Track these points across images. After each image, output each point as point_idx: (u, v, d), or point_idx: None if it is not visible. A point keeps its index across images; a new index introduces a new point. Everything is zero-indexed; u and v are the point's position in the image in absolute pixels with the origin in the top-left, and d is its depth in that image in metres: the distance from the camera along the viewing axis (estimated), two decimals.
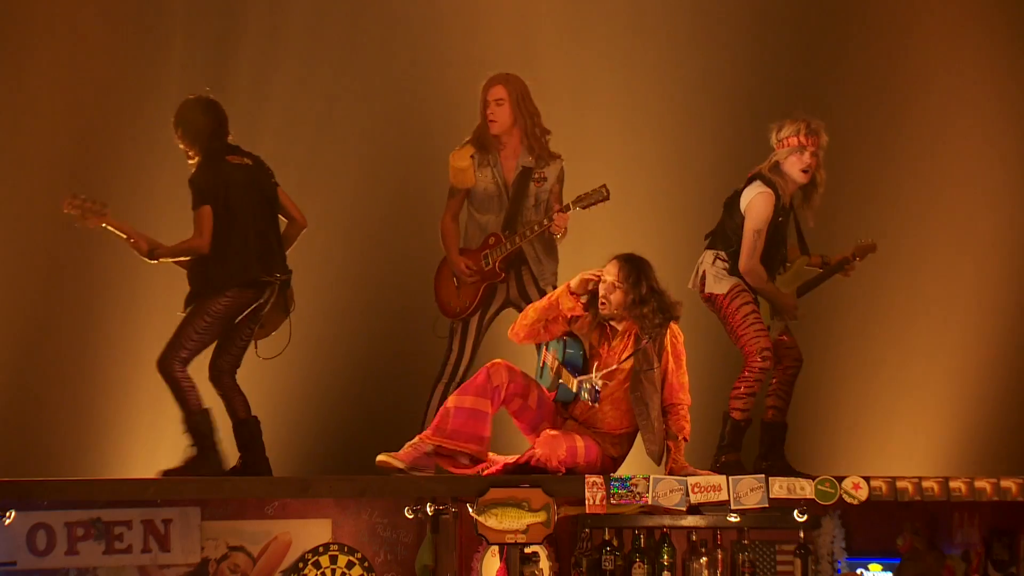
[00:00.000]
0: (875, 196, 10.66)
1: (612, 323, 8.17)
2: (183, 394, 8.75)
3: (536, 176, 9.10)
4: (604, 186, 8.96)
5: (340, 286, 10.51)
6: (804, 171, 8.58)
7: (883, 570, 8.94)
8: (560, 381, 8.13)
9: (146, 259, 8.80)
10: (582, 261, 8.66)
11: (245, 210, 8.80)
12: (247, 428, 8.86)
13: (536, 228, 8.98)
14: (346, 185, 10.57)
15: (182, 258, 8.83)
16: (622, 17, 10.86)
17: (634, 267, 8.09)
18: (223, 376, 8.85)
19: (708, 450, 8.64)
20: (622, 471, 8.24)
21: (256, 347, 8.94)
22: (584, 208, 8.97)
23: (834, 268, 8.96)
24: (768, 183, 8.55)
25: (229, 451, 8.89)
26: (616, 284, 8.08)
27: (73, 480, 8.74)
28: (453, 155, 9.14)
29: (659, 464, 8.29)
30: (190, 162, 8.89)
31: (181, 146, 8.87)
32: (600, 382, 7.96)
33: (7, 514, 7.88)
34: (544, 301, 8.18)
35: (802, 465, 8.75)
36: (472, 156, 9.07)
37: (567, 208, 8.98)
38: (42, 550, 8.94)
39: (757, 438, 8.73)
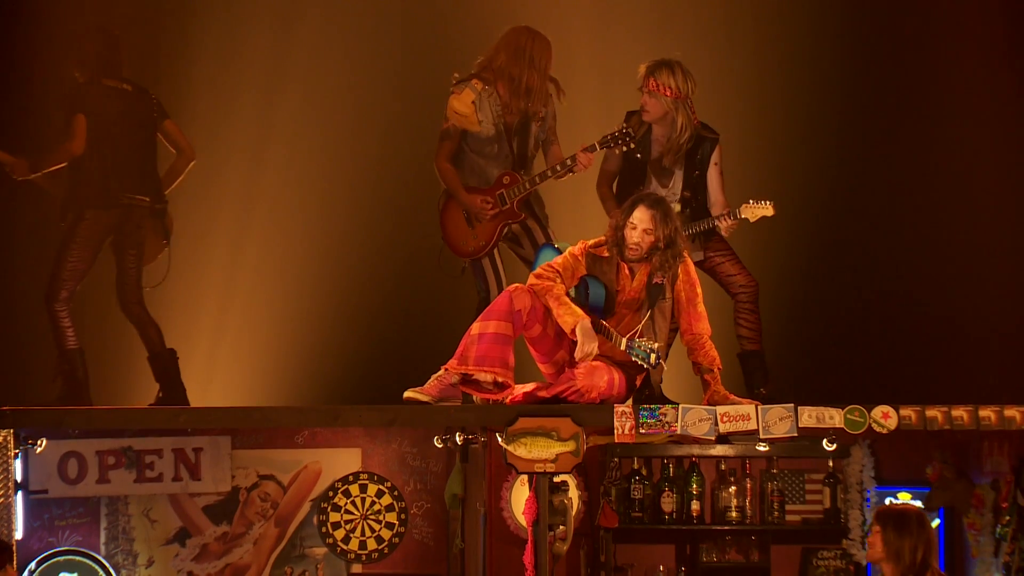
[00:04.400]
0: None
1: (631, 263, 8.10)
2: (59, 332, 8.78)
3: (536, 116, 8.97)
4: (629, 126, 8.79)
5: (371, 220, 10.43)
6: (642, 110, 8.57)
7: (912, 499, 8.95)
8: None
9: (28, 176, 8.89)
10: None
11: (113, 132, 8.84)
12: (161, 360, 8.87)
13: (560, 168, 8.83)
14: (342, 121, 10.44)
15: (57, 166, 8.87)
16: None
17: (664, 212, 8.02)
18: (130, 307, 8.89)
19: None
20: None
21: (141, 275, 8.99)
22: (611, 148, 8.80)
23: (702, 224, 8.70)
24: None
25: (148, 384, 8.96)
26: (648, 231, 8.00)
27: (103, 408, 8.71)
28: (454, 98, 8.88)
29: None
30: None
31: (76, 74, 8.91)
32: (657, 344, 7.90)
33: (38, 442, 7.90)
34: (554, 306, 8.03)
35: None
36: (473, 102, 8.90)
37: (592, 148, 8.78)
38: (73, 478, 9.00)
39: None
